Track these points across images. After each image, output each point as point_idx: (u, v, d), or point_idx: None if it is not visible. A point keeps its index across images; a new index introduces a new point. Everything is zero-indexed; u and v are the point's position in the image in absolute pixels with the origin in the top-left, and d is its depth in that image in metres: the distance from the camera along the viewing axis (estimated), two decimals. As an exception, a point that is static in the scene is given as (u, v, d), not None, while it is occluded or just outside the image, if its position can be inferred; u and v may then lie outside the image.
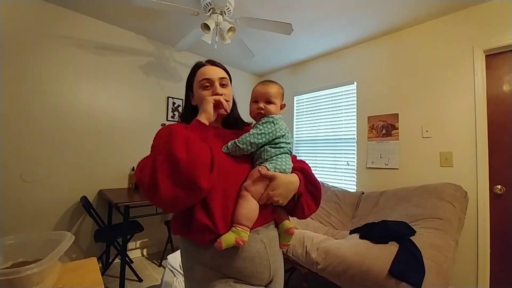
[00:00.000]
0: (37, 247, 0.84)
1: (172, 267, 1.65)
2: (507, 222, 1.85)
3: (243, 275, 0.69)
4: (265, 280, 0.73)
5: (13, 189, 1.99)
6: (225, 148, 0.76)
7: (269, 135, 0.76)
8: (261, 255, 0.71)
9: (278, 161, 0.75)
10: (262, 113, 0.81)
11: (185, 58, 3.10)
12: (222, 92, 0.79)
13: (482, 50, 1.97)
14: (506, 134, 1.89)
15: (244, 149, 0.74)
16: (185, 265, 0.75)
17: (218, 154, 0.72)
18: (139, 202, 2.01)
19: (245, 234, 0.66)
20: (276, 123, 0.79)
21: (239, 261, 0.68)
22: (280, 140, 0.78)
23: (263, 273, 0.71)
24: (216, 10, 1.88)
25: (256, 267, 0.70)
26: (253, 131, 0.77)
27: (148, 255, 2.73)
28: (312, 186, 0.80)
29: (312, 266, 1.58)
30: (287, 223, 0.80)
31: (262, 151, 0.76)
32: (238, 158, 0.76)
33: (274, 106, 0.82)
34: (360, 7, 2.09)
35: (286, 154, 0.79)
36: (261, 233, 0.73)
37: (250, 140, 0.74)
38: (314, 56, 3.16)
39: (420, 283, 1.18)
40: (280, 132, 0.78)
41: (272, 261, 0.74)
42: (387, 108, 2.50)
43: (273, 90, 0.82)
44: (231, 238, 0.64)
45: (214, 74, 0.80)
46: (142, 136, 2.69)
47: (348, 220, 2.27)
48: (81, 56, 2.34)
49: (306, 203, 0.79)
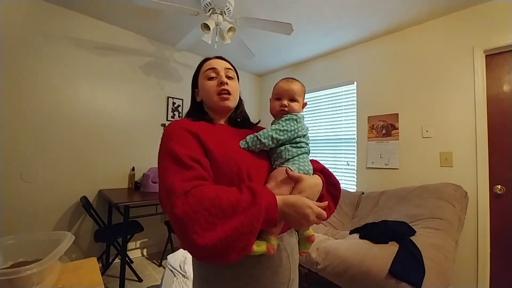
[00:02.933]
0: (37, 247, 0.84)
1: (172, 267, 1.65)
2: (507, 222, 1.85)
3: (263, 285, 0.63)
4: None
5: (13, 189, 1.99)
6: (244, 143, 0.71)
7: (291, 133, 0.73)
8: (284, 264, 0.67)
9: (300, 162, 0.71)
10: (285, 110, 0.78)
11: (185, 58, 3.10)
12: (227, 82, 0.76)
13: (482, 50, 1.97)
14: (506, 134, 1.89)
15: (266, 143, 0.70)
16: (199, 274, 0.69)
17: (237, 150, 0.69)
18: (139, 202, 2.01)
19: (275, 242, 0.61)
20: (299, 121, 0.76)
21: (261, 271, 0.63)
22: (302, 140, 0.75)
23: (282, 284, 0.66)
24: (216, 10, 1.88)
25: (277, 276, 0.65)
26: (275, 127, 0.73)
27: (148, 255, 2.73)
28: (332, 187, 0.77)
29: (312, 266, 1.58)
30: (309, 230, 0.75)
31: (283, 150, 0.72)
32: (257, 156, 0.71)
33: (298, 104, 0.79)
34: (360, 7, 2.09)
35: (307, 155, 0.76)
36: (284, 241, 0.68)
37: (272, 135, 0.71)
38: (314, 56, 3.16)
39: (420, 283, 1.18)
40: (302, 131, 0.75)
41: (292, 270, 0.69)
42: (387, 108, 2.50)
43: (297, 87, 0.80)
44: (263, 246, 0.59)
45: (220, 65, 0.77)
46: (142, 136, 2.68)
47: (348, 220, 2.27)
48: (80, 56, 2.34)
49: (328, 205, 0.75)
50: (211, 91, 0.75)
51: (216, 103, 0.75)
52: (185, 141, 0.63)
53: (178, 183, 0.55)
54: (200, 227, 0.50)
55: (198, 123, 0.71)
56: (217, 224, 0.50)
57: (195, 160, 0.60)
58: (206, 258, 0.52)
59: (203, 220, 0.50)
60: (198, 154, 0.62)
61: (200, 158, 0.61)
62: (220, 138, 0.69)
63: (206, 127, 0.71)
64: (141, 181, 2.55)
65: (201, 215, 0.51)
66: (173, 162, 0.60)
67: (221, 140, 0.68)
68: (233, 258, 0.52)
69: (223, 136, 0.71)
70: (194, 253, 0.52)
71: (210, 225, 0.50)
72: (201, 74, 0.78)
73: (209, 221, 0.50)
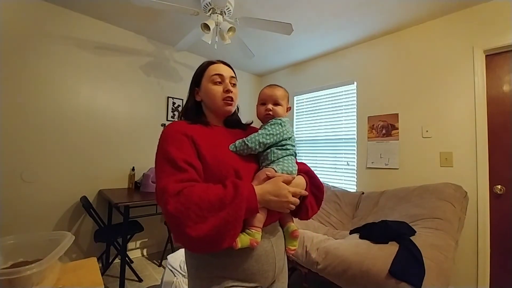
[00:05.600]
0: (37, 247, 0.84)
1: (172, 267, 1.65)
2: (507, 222, 1.85)
3: (250, 273, 0.70)
4: (270, 278, 0.75)
5: (13, 189, 1.99)
6: (233, 147, 0.77)
7: (277, 136, 0.78)
8: (267, 253, 0.73)
9: (285, 163, 0.77)
10: (270, 114, 0.84)
11: (185, 58, 3.10)
12: (232, 90, 0.82)
13: (482, 50, 1.97)
14: (506, 134, 1.89)
15: (253, 148, 0.76)
16: (190, 263, 0.76)
17: (228, 153, 0.75)
18: (139, 202, 2.01)
19: (258, 236, 0.68)
20: (284, 125, 0.81)
21: (247, 260, 0.70)
22: (287, 142, 0.80)
23: (268, 271, 0.73)
24: (216, 10, 1.88)
25: (262, 265, 0.72)
26: (262, 131, 0.80)
27: (148, 255, 2.73)
28: (316, 189, 0.83)
29: (312, 266, 1.58)
30: (292, 225, 0.82)
31: (269, 152, 0.78)
32: (246, 158, 0.78)
33: (281, 108, 0.85)
34: (360, 7, 2.09)
35: (292, 156, 0.81)
36: (268, 232, 0.75)
37: (259, 139, 0.76)
38: (314, 56, 3.16)
39: (420, 283, 1.18)
40: (287, 134, 0.80)
41: (278, 259, 0.76)
42: (387, 108, 2.50)
43: (279, 92, 0.86)
44: (246, 240, 0.65)
45: (227, 72, 0.83)
46: (142, 136, 2.69)
47: (348, 220, 2.27)
48: (81, 56, 2.34)
49: (310, 204, 0.80)
50: (217, 96, 0.80)
51: (220, 108, 0.81)
52: (180, 145, 0.69)
53: (171, 184, 0.62)
54: (192, 221, 0.57)
55: (194, 126, 0.76)
56: (207, 217, 0.58)
57: (188, 163, 0.66)
58: (200, 248, 0.60)
59: (193, 215, 0.57)
60: (192, 157, 0.68)
61: (193, 162, 0.67)
62: (213, 141, 0.75)
63: (201, 130, 0.76)
64: (141, 181, 2.55)
65: (191, 211, 0.58)
66: (169, 164, 0.66)
67: (214, 144, 0.74)
68: (225, 244, 0.59)
69: (217, 139, 0.77)
70: (188, 244, 0.60)
71: (201, 218, 0.58)
72: (207, 77, 0.82)
73: (199, 215, 0.58)
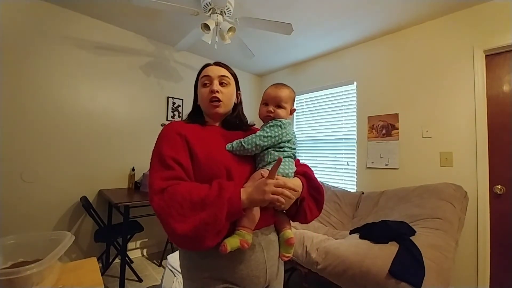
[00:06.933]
0: (37, 247, 0.84)
1: (172, 267, 1.65)
2: (507, 222, 1.85)
3: (238, 276, 0.68)
4: (261, 285, 0.72)
5: (13, 189, 1.99)
6: (229, 146, 0.76)
7: (275, 139, 0.75)
8: (257, 258, 0.71)
9: (281, 164, 0.74)
10: (271, 116, 0.81)
11: (185, 58, 3.10)
12: (219, 89, 0.79)
13: (482, 50, 1.97)
14: (506, 134, 1.89)
15: (249, 149, 0.74)
16: (183, 264, 0.75)
17: (221, 152, 0.74)
18: (139, 202, 2.01)
19: (249, 237, 0.66)
20: (284, 127, 0.78)
21: (235, 263, 0.68)
22: (286, 144, 0.77)
23: (258, 277, 0.70)
24: (216, 10, 1.88)
25: (252, 270, 0.69)
26: (259, 133, 0.77)
27: (148, 255, 2.73)
28: (314, 191, 0.78)
29: (312, 266, 1.58)
30: (288, 232, 0.78)
31: (266, 153, 0.76)
32: (242, 158, 0.76)
33: (284, 110, 0.81)
34: (360, 7, 2.09)
35: (290, 158, 0.78)
36: (259, 236, 0.73)
37: (256, 141, 0.74)
38: (314, 56, 3.16)
39: (420, 283, 1.18)
40: (286, 136, 0.77)
41: (269, 265, 0.73)
42: (387, 108, 2.50)
43: (284, 94, 0.81)
44: (236, 241, 0.63)
45: (215, 72, 0.81)
46: (142, 136, 2.68)
47: (348, 220, 2.27)
48: (80, 56, 2.34)
49: (309, 207, 0.77)
50: (203, 97, 0.81)
51: (208, 109, 0.81)
52: (172, 143, 0.70)
53: (157, 181, 0.64)
54: (173, 219, 0.58)
55: (190, 126, 0.77)
56: (187, 216, 0.58)
57: (176, 161, 0.67)
58: (184, 245, 0.62)
59: (175, 213, 0.58)
60: (181, 156, 0.68)
61: (182, 160, 0.68)
62: (207, 140, 0.75)
63: (196, 129, 0.77)
64: (141, 181, 2.54)
65: (173, 209, 0.59)
66: (158, 161, 0.68)
67: (208, 143, 0.74)
68: (208, 244, 0.59)
69: (211, 138, 0.76)
70: (173, 241, 0.61)
71: (181, 217, 0.58)
72: (199, 80, 0.84)
73: (180, 213, 0.58)
